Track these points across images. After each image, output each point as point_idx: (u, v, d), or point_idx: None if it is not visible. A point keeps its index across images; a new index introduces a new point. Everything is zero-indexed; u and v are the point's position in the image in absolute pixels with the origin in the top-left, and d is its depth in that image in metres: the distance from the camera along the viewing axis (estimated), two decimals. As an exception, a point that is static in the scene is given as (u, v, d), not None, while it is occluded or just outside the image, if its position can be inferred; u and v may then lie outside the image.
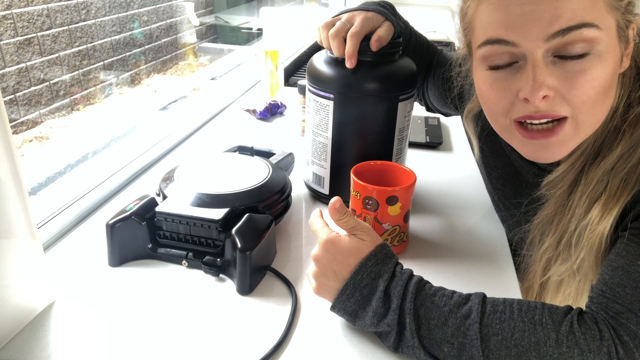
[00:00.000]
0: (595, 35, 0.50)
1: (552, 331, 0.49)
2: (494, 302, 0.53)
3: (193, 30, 3.62)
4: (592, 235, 0.55)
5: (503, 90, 0.55)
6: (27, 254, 0.57)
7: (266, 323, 0.60)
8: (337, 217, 0.57)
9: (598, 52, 0.50)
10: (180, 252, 0.69)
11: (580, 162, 0.57)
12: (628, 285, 0.50)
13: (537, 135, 0.55)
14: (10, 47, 2.18)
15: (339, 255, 0.56)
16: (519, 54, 0.53)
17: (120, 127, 1.15)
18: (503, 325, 0.50)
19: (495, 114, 0.59)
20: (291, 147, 0.94)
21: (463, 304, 0.53)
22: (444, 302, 0.53)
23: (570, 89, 0.51)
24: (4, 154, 0.52)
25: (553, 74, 0.51)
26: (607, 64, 0.51)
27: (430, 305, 0.53)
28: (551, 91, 0.52)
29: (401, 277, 0.55)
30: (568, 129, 0.54)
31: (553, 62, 0.52)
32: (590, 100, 0.52)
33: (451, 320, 0.51)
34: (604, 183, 0.55)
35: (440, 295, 0.53)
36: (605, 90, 0.52)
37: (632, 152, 0.53)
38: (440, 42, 2.09)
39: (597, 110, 0.54)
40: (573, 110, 0.53)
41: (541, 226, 0.64)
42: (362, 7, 0.74)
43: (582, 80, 0.51)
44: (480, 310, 0.51)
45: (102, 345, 0.56)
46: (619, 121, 0.55)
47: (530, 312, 0.51)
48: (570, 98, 0.52)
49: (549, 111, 0.53)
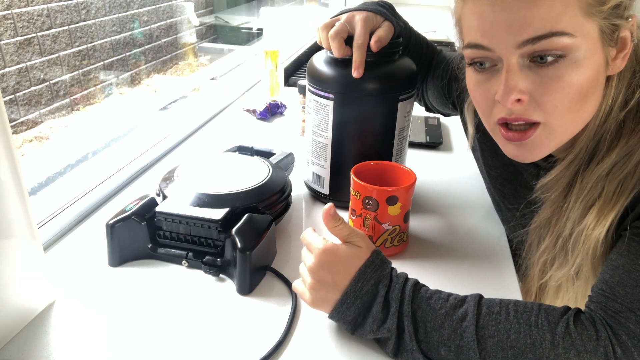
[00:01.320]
0: (568, 43, 0.50)
1: (547, 332, 0.49)
2: (490, 303, 0.53)
3: (193, 30, 3.62)
4: (587, 241, 0.55)
5: (484, 91, 0.57)
6: (27, 254, 0.57)
7: (266, 323, 0.60)
8: (332, 225, 0.56)
9: (573, 58, 0.51)
10: (180, 252, 0.69)
11: (575, 165, 0.58)
12: (628, 284, 0.50)
13: (513, 137, 0.56)
14: (10, 47, 2.18)
15: (339, 265, 0.55)
16: (496, 58, 0.54)
17: (120, 127, 1.15)
18: (499, 327, 0.50)
19: (482, 113, 0.60)
20: (291, 147, 0.94)
21: (459, 306, 0.53)
22: (440, 305, 0.53)
23: (543, 94, 0.52)
24: (4, 154, 0.52)
25: (527, 78, 0.52)
26: (583, 70, 0.51)
27: (427, 307, 0.53)
28: (525, 95, 0.52)
29: (398, 281, 0.55)
30: (540, 134, 0.55)
31: (529, 67, 0.52)
32: (564, 106, 0.52)
33: (447, 323, 0.51)
34: (599, 189, 0.55)
35: (437, 298, 0.53)
36: (581, 96, 0.52)
37: (628, 159, 0.53)
38: (440, 42, 2.08)
39: (572, 117, 0.54)
40: (546, 116, 0.53)
41: (538, 230, 0.64)
42: (361, 7, 0.74)
43: (555, 87, 0.51)
44: (476, 312, 0.51)
45: (102, 345, 0.56)
46: (614, 124, 0.55)
47: (527, 313, 0.51)
48: (543, 103, 0.52)
49: (522, 115, 0.54)
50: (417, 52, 0.84)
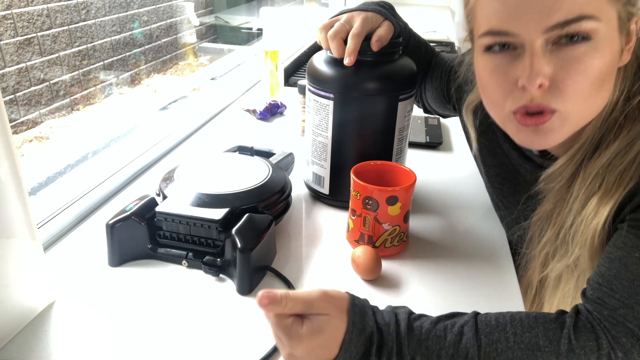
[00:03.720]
0: (594, 26, 0.50)
1: (552, 354, 0.49)
2: (487, 329, 0.51)
3: (193, 30, 3.62)
4: (586, 231, 0.55)
5: (503, 76, 0.55)
6: (27, 254, 0.57)
7: (266, 323, 0.60)
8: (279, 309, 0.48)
9: (596, 42, 0.50)
10: (180, 252, 0.69)
11: (580, 155, 0.57)
12: (625, 277, 0.50)
13: (531, 122, 0.55)
14: (10, 47, 2.18)
15: (318, 350, 0.48)
16: (518, 43, 0.53)
17: (120, 127, 1.15)
18: (501, 357, 0.49)
19: (495, 102, 0.58)
20: (291, 147, 0.94)
21: (458, 342, 0.50)
22: (439, 346, 0.50)
23: (564, 77, 0.51)
24: (4, 154, 0.52)
25: (550, 62, 0.51)
26: (603, 54, 0.51)
27: (426, 352, 0.50)
28: (547, 80, 0.52)
29: (389, 331, 0.50)
30: (556, 120, 0.54)
31: (551, 51, 0.52)
32: (583, 91, 0.52)
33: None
34: (601, 178, 0.54)
35: (433, 336, 0.51)
36: (599, 81, 0.52)
37: (629, 149, 0.53)
38: (440, 42, 2.08)
39: (588, 104, 0.54)
40: (564, 103, 0.53)
41: (540, 222, 0.64)
42: (361, 7, 0.74)
43: (576, 69, 0.51)
44: (477, 346, 0.50)
45: (102, 345, 0.56)
46: (619, 116, 0.55)
47: (526, 335, 0.50)
48: (563, 88, 0.52)
49: (542, 102, 0.53)
50: (416, 53, 0.84)
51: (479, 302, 0.65)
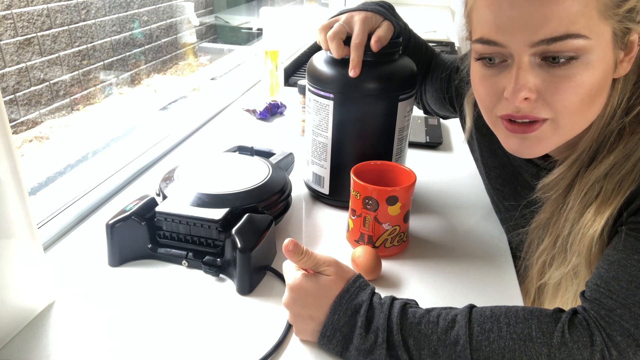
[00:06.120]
0: (583, 44, 0.49)
1: (544, 346, 0.49)
2: (481, 319, 0.52)
3: (193, 30, 3.62)
4: (583, 239, 0.55)
5: (490, 86, 0.56)
6: (27, 254, 0.57)
7: (266, 323, 0.60)
8: (296, 259, 0.55)
9: (586, 59, 0.50)
10: (180, 252, 0.69)
11: (577, 166, 0.57)
12: (623, 279, 0.50)
13: (517, 129, 0.56)
14: (10, 47, 2.17)
15: (309, 299, 0.55)
16: (507, 54, 0.53)
17: (120, 127, 1.15)
18: (493, 346, 0.50)
19: (484, 108, 0.60)
20: (291, 147, 0.94)
21: (450, 329, 0.51)
22: (431, 330, 0.51)
23: (553, 93, 0.52)
24: (4, 154, 0.52)
25: (538, 76, 0.52)
26: (594, 71, 0.51)
27: (418, 335, 0.51)
28: (533, 94, 0.52)
29: (381, 309, 0.53)
30: (546, 128, 0.54)
31: (540, 65, 0.52)
32: (572, 106, 0.52)
33: (441, 349, 0.50)
34: (597, 189, 0.54)
35: (426, 322, 0.52)
36: (590, 97, 0.52)
37: (626, 160, 0.53)
38: (440, 42, 2.08)
39: (580, 117, 0.54)
40: (555, 114, 0.53)
41: (538, 230, 0.64)
42: (360, 7, 0.74)
43: (565, 86, 0.51)
44: (468, 334, 0.50)
45: (102, 345, 0.56)
46: (616, 127, 0.55)
47: (519, 326, 0.50)
48: (552, 102, 0.52)
49: (530, 113, 0.54)
50: (416, 54, 0.84)
51: (479, 302, 0.64)
